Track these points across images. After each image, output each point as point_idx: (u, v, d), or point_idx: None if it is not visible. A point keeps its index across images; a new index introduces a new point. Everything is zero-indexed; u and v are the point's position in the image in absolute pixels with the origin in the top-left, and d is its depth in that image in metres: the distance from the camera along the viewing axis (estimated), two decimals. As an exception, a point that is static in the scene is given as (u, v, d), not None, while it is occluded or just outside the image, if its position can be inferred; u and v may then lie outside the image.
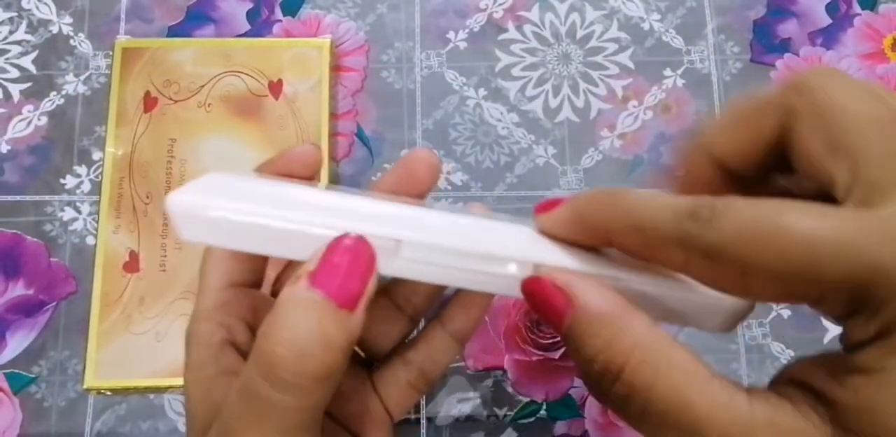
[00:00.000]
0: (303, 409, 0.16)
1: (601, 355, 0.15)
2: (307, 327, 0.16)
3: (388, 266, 0.17)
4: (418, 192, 0.22)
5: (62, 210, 0.39)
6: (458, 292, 0.24)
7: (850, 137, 0.14)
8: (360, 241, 0.17)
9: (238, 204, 0.16)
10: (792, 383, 0.15)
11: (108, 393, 0.36)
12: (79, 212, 0.39)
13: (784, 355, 0.38)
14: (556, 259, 0.17)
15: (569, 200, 0.18)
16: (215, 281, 0.22)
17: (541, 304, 0.17)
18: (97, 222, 0.38)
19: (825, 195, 0.15)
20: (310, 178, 0.22)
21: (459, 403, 0.37)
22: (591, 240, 0.17)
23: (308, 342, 0.16)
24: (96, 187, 0.39)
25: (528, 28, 0.43)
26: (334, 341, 0.16)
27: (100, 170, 0.39)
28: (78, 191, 0.40)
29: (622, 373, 0.15)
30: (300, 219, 0.17)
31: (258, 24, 0.42)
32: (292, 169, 0.21)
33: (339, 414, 0.23)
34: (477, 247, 0.17)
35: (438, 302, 0.25)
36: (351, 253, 0.16)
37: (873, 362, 0.13)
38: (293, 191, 0.18)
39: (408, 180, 0.22)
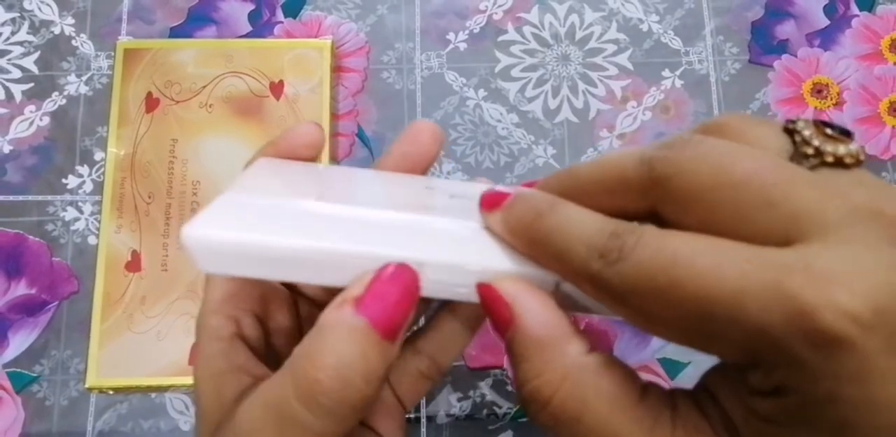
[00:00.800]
0: (335, 433, 0.16)
1: (531, 383, 0.15)
2: (352, 356, 0.16)
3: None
4: (425, 163, 0.22)
5: (64, 210, 0.39)
6: None
7: (712, 216, 0.14)
8: (407, 270, 0.16)
9: (259, 234, 0.16)
10: (709, 394, 0.15)
11: (110, 392, 0.36)
12: (81, 212, 0.39)
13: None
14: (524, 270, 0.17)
15: (503, 207, 0.18)
16: None
17: (489, 312, 0.17)
18: (99, 222, 0.38)
19: None
20: (314, 158, 0.22)
21: (459, 401, 0.37)
22: (525, 253, 0.17)
23: (352, 371, 0.16)
24: (98, 187, 0.40)
25: (527, 29, 0.43)
26: (376, 372, 0.16)
27: (102, 170, 0.39)
28: (80, 191, 0.40)
29: (548, 405, 0.15)
30: (324, 247, 0.16)
31: (259, 26, 0.42)
32: (297, 151, 0.21)
33: None
34: (504, 266, 0.17)
35: None
36: (398, 283, 0.16)
37: (772, 414, 0.13)
38: (310, 205, 0.18)
39: (415, 152, 0.22)
